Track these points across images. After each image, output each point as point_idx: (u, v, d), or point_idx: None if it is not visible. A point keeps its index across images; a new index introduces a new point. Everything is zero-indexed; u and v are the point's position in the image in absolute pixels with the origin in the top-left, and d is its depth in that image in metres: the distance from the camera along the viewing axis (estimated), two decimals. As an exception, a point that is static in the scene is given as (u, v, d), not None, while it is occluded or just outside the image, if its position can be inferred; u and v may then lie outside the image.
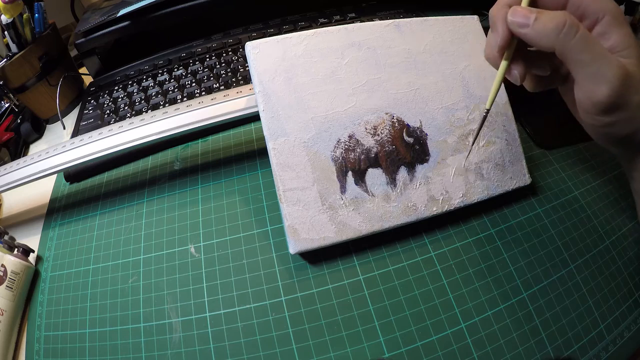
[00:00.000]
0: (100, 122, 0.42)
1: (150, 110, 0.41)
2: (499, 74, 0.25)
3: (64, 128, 0.47)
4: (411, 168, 0.29)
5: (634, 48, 0.22)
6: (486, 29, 0.33)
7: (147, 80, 0.45)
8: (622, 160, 0.27)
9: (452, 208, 0.30)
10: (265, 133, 0.28)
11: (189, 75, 0.44)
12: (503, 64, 0.24)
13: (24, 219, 0.39)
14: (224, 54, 0.45)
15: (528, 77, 0.27)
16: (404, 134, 0.30)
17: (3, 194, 0.42)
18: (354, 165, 0.29)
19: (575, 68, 0.22)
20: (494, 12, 0.24)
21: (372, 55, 0.30)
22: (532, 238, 0.31)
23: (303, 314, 0.28)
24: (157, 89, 0.43)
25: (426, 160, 0.30)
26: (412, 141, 0.30)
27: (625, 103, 0.22)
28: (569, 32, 0.21)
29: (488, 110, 0.26)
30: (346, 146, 0.29)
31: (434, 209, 0.29)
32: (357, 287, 0.29)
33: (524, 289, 0.28)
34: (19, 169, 0.34)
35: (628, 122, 0.23)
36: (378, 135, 0.29)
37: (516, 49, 0.24)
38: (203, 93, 0.42)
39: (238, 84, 0.41)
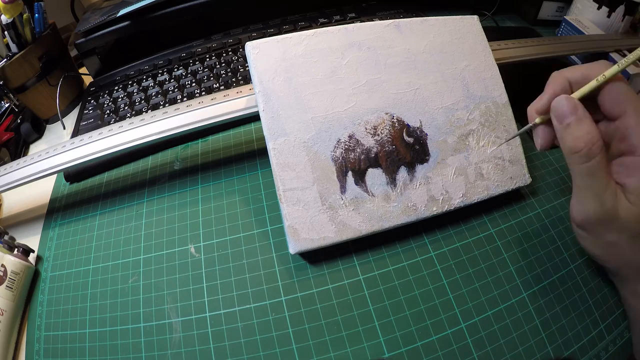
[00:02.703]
0: (100, 122, 0.42)
1: (150, 110, 0.41)
2: (526, 127, 0.27)
3: (64, 128, 0.47)
4: (411, 168, 0.29)
5: None
6: (486, 29, 0.33)
7: (147, 80, 0.45)
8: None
9: (452, 208, 0.30)
10: (265, 133, 0.28)
11: (189, 75, 0.44)
12: (538, 119, 0.26)
13: (24, 219, 0.39)
14: (224, 54, 0.45)
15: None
16: (404, 134, 0.30)
17: (3, 194, 0.42)
18: (354, 165, 0.29)
19: (573, 180, 0.24)
20: (553, 77, 0.25)
21: (372, 55, 0.30)
22: (532, 238, 0.31)
23: (303, 314, 0.28)
24: (157, 89, 0.43)
25: (426, 160, 0.30)
26: (412, 141, 0.30)
27: (596, 233, 0.24)
28: (579, 159, 0.22)
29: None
30: (346, 146, 0.29)
31: (434, 209, 0.29)
32: (357, 287, 0.29)
33: (524, 289, 0.28)
34: (19, 169, 0.34)
35: (595, 247, 0.24)
36: (378, 135, 0.29)
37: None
38: (203, 93, 0.42)
39: (238, 84, 0.41)
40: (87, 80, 0.52)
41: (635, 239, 0.22)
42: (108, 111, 0.43)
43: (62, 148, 0.33)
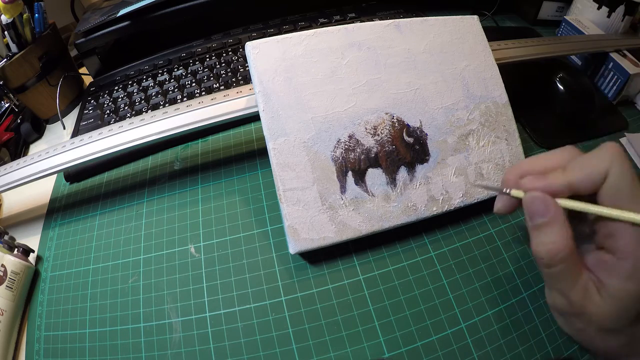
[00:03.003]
0: (100, 122, 0.42)
1: (150, 110, 0.41)
2: (496, 188, 0.25)
3: (64, 128, 0.47)
4: (411, 168, 0.29)
5: (617, 301, 0.20)
6: (486, 29, 0.33)
7: (147, 80, 0.45)
8: None
9: (452, 208, 0.30)
10: (265, 133, 0.28)
11: (189, 75, 0.44)
12: (514, 192, 0.23)
13: (24, 219, 0.39)
14: (224, 54, 0.45)
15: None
16: (404, 134, 0.30)
17: (3, 194, 0.42)
18: (354, 165, 0.29)
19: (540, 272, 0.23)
20: (508, 175, 0.23)
21: (372, 55, 0.30)
22: (532, 238, 0.31)
23: (303, 314, 0.28)
24: (157, 89, 0.43)
25: (426, 160, 0.30)
26: (412, 141, 0.30)
27: (565, 319, 0.23)
28: (546, 263, 0.21)
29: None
30: (346, 146, 0.29)
31: (434, 209, 0.29)
32: (357, 287, 0.29)
33: (524, 289, 0.28)
34: (19, 169, 0.34)
35: (567, 329, 0.24)
36: (378, 135, 0.29)
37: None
38: (203, 93, 0.42)
39: (238, 84, 0.41)
40: (87, 80, 0.52)
41: (605, 333, 0.21)
42: (108, 111, 0.43)
43: (62, 148, 0.33)
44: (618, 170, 0.20)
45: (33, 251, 0.34)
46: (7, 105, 0.51)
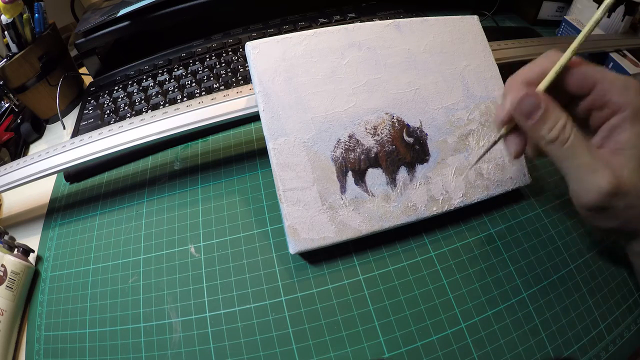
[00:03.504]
0: (100, 122, 0.42)
1: (150, 110, 0.41)
2: (493, 141, 0.26)
3: (64, 128, 0.47)
4: (411, 168, 0.29)
5: (638, 150, 0.22)
6: (486, 29, 0.33)
7: (147, 80, 0.45)
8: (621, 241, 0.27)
9: (452, 208, 0.30)
10: (265, 133, 0.28)
11: (189, 75, 0.44)
12: (502, 130, 0.25)
13: (24, 219, 0.39)
14: (224, 54, 0.45)
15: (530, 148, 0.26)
16: (404, 134, 0.30)
17: (3, 194, 0.42)
18: (354, 165, 0.29)
19: (563, 171, 0.23)
20: (509, 84, 0.24)
21: (372, 55, 0.30)
22: (532, 238, 0.31)
23: (303, 314, 0.28)
24: (157, 89, 0.43)
25: (426, 160, 0.30)
26: (412, 141, 0.30)
27: (610, 207, 0.22)
28: (559, 143, 0.22)
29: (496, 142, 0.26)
30: (346, 146, 0.29)
31: (434, 209, 0.29)
32: (357, 287, 0.29)
33: (524, 289, 0.28)
34: (19, 169, 0.34)
35: (612, 219, 0.23)
36: (378, 135, 0.29)
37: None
38: (203, 93, 0.42)
39: (238, 84, 0.41)
40: (87, 80, 0.52)
41: None
42: (108, 111, 0.43)
43: (62, 148, 0.33)
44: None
45: (33, 251, 0.34)
46: (7, 105, 0.51)
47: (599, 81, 0.23)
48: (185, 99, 0.41)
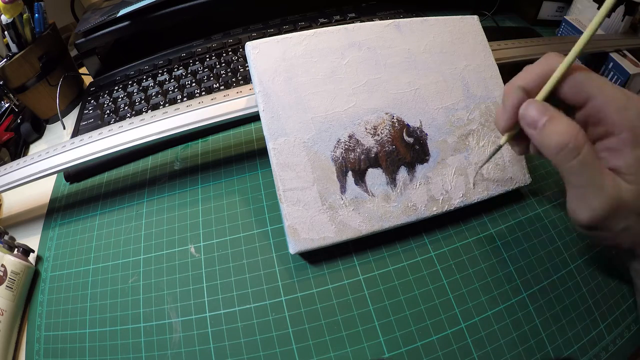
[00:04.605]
0: (100, 122, 0.42)
1: (150, 110, 0.41)
2: (497, 146, 0.26)
3: (64, 128, 0.47)
4: (411, 168, 0.29)
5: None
6: (486, 29, 0.33)
7: (147, 80, 0.45)
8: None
9: (452, 208, 0.30)
10: (265, 133, 0.28)
11: (189, 75, 0.44)
12: (504, 138, 0.25)
13: (24, 219, 0.39)
14: (224, 54, 0.45)
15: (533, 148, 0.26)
16: (404, 134, 0.30)
17: (3, 194, 0.42)
18: (354, 165, 0.29)
19: (566, 183, 0.23)
20: (507, 91, 0.24)
21: (372, 55, 0.30)
22: (532, 238, 0.31)
23: (303, 314, 0.28)
24: (157, 89, 0.43)
25: (426, 160, 0.30)
26: (412, 141, 0.30)
27: (607, 227, 0.22)
28: (569, 154, 0.21)
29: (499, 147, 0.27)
30: (346, 146, 0.29)
31: (434, 209, 0.29)
32: (357, 287, 0.29)
33: (524, 289, 0.28)
34: (19, 169, 0.34)
35: (610, 239, 0.23)
36: (378, 135, 0.29)
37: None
38: (203, 93, 0.42)
39: (238, 84, 0.41)
40: (87, 80, 0.52)
41: None
42: (108, 111, 0.43)
43: (62, 148, 0.33)
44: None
45: (33, 251, 0.34)
46: (7, 105, 0.51)
47: (593, 96, 0.22)
48: (185, 99, 0.41)
